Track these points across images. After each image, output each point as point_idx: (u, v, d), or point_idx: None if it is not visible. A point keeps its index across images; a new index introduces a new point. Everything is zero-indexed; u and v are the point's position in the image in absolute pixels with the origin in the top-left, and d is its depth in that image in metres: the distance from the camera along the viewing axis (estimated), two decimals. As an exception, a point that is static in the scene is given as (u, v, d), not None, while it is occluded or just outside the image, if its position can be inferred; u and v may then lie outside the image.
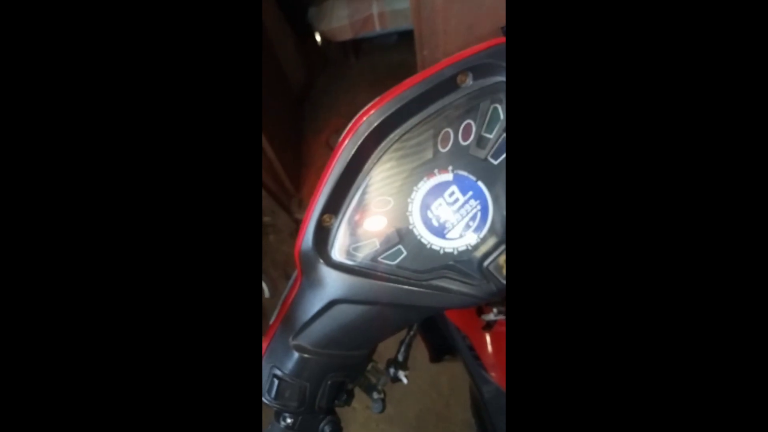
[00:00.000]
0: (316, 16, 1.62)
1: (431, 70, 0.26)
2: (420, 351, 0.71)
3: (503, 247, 0.26)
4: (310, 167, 1.50)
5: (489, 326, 0.49)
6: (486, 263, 0.26)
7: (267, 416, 0.32)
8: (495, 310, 0.45)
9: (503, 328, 0.50)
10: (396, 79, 0.26)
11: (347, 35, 1.62)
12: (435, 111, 0.27)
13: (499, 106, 0.26)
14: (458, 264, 0.27)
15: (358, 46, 1.91)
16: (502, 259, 0.26)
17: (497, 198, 0.27)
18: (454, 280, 0.27)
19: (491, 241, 0.27)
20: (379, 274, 0.28)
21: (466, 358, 0.54)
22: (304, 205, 1.39)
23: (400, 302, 0.28)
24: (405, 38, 1.54)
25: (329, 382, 0.31)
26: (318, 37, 1.72)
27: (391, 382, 0.37)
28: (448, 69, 0.25)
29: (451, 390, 1.14)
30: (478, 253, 0.27)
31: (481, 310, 0.47)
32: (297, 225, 1.37)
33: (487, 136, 0.27)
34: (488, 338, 0.51)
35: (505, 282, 0.26)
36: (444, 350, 0.73)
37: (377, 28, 1.61)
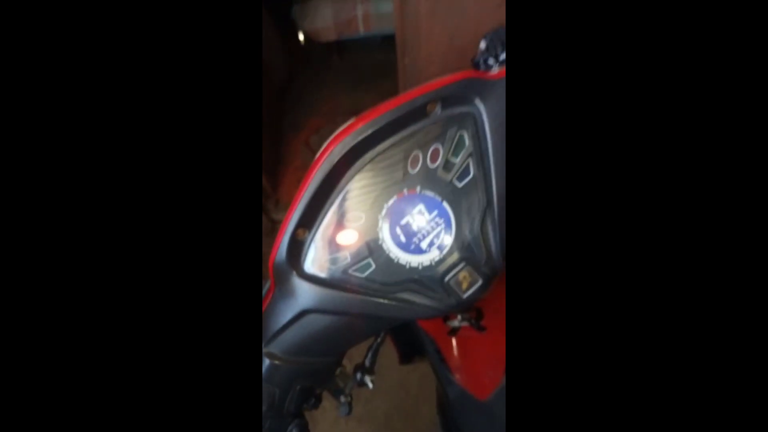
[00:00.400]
0: (299, 15, 1.61)
1: (403, 98, 0.28)
2: (391, 351, 0.73)
3: (464, 263, 0.28)
4: (288, 166, 1.50)
5: (454, 332, 0.51)
6: (447, 278, 0.29)
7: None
8: (459, 317, 0.47)
9: (468, 333, 0.52)
10: (379, 80, 0.28)
11: (331, 36, 1.61)
12: (406, 135, 0.29)
13: (464, 134, 0.28)
14: (422, 278, 0.29)
15: (341, 46, 1.91)
16: (462, 275, 0.28)
17: (460, 218, 0.29)
18: (418, 293, 0.29)
19: (453, 258, 0.29)
20: (348, 286, 0.30)
21: (433, 360, 0.57)
22: (280, 205, 1.38)
23: (368, 313, 0.30)
24: (389, 40, 1.56)
25: (298, 387, 0.33)
26: (301, 36, 1.71)
27: (357, 386, 0.39)
28: (419, 99, 0.27)
29: (419, 389, 1.17)
30: (441, 269, 0.29)
31: (447, 317, 0.49)
32: (273, 225, 1.37)
33: (453, 160, 0.29)
34: (454, 342, 0.54)
35: (464, 296, 0.29)
36: (413, 352, 0.75)
37: (361, 31, 1.61)
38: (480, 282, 0.28)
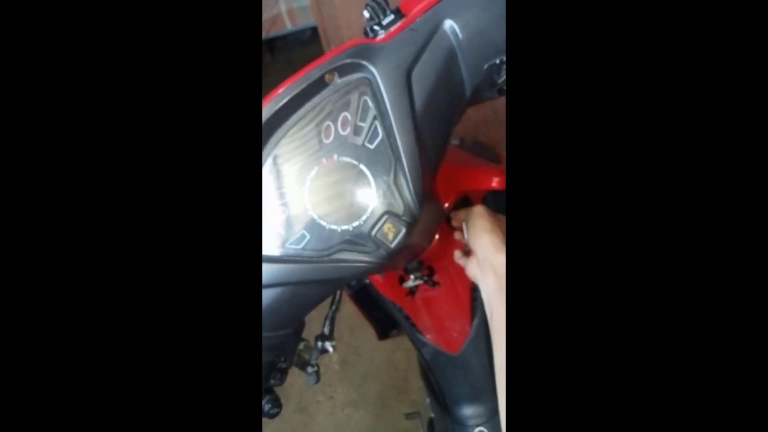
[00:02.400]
0: (221, 18, 1.57)
1: (301, 73, 0.29)
2: (371, 332, 0.75)
3: (386, 216, 0.31)
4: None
5: (412, 293, 0.54)
6: (374, 232, 0.31)
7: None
8: (412, 276, 0.50)
9: (427, 294, 0.56)
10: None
11: (258, 35, 1.59)
12: (312, 107, 0.30)
13: (367, 98, 0.31)
14: (353, 237, 0.31)
15: (272, 45, 1.88)
16: (387, 226, 0.31)
17: (377, 176, 0.31)
18: (352, 251, 0.31)
19: (377, 214, 0.31)
20: (287, 258, 0.31)
21: (404, 326, 0.59)
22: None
23: (309, 279, 0.32)
24: (318, 32, 1.56)
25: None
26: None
27: (320, 353, 0.41)
28: (315, 71, 0.29)
29: (407, 364, 1.21)
30: (367, 226, 0.31)
31: (402, 279, 0.52)
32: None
33: (362, 124, 0.31)
34: (419, 304, 0.57)
35: (392, 245, 0.31)
36: (388, 326, 0.78)
37: (288, 26, 1.60)
38: (403, 230, 0.31)
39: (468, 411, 0.58)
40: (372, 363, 1.23)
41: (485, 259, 0.37)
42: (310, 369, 0.39)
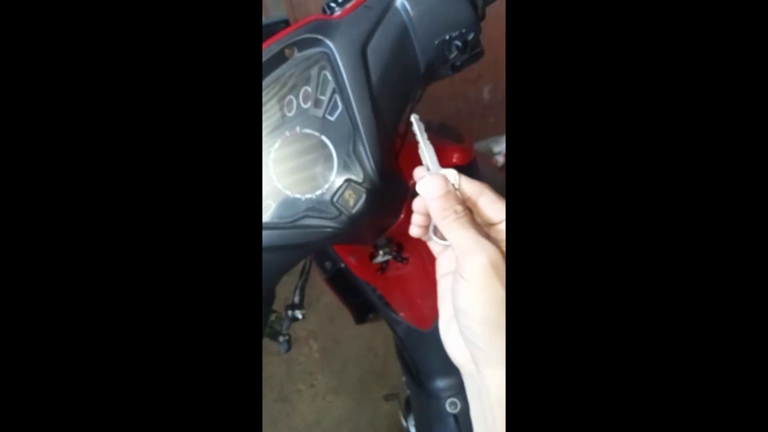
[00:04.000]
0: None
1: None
2: (350, 319, 0.77)
3: (347, 183, 0.33)
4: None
5: (383, 269, 0.56)
6: (335, 198, 0.33)
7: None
8: (381, 252, 0.52)
9: (399, 272, 0.58)
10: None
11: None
12: (273, 81, 0.32)
13: (326, 72, 0.32)
14: (317, 204, 0.33)
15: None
16: (347, 193, 0.33)
17: (338, 146, 0.33)
18: (315, 217, 0.33)
19: (337, 183, 0.33)
20: None
21: (378, 306, 0.61)
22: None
23: (275, 245, 0.33)
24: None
25: None
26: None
27: (291, 322, 0.42)
28: (274, 45, 0.31)
29: (386, 350, 1.24)
30: (330, 193, 0.33)
31: (372, 256, 0.54)
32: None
33: (322, 97, 0.33)
34: (391, 283, 0.59)
35: (353, 211, 0.33)
36: (365, 310, 0.80)
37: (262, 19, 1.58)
38: (364, 196, 0.33)
39: (440, 384, 0.60)
40: (352, 350, 1.25)
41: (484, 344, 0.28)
42: (281, 338, 0.41)
